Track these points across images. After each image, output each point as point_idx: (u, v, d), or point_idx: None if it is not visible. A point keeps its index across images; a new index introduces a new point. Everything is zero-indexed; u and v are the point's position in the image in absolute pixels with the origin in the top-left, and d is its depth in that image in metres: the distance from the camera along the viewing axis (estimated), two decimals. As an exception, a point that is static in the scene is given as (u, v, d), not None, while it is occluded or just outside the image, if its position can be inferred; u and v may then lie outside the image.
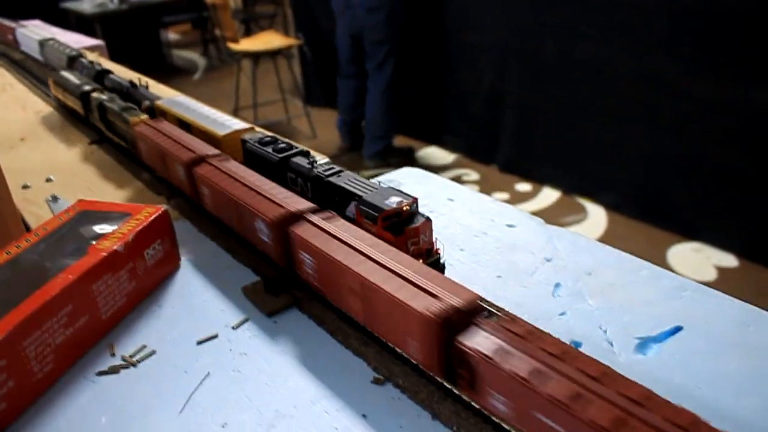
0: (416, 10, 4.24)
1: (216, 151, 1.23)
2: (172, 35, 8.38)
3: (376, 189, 0.94)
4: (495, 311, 0.69)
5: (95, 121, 1.64)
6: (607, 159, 3.64)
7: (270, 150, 1.16)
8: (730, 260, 3.17)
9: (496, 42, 3.99)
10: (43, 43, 2.34)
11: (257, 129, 1.34)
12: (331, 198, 1.02)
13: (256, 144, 1.21)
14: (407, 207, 0.90)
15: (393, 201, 0.89)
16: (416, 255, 0.88)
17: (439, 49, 4.35)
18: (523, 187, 4.01)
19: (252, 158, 1.21)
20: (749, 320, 0.91)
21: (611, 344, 0.88)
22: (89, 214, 1.13)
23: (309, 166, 1.08)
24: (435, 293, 0.69)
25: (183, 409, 0.84)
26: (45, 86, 2.17)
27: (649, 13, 3.19)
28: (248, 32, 6.92)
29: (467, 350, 0.63)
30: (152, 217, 1.09)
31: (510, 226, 1.16)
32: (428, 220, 0.89)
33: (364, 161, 4.57)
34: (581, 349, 0.87)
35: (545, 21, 3.68)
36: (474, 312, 0.67)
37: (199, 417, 0.83)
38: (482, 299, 0.69)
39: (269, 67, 5.48)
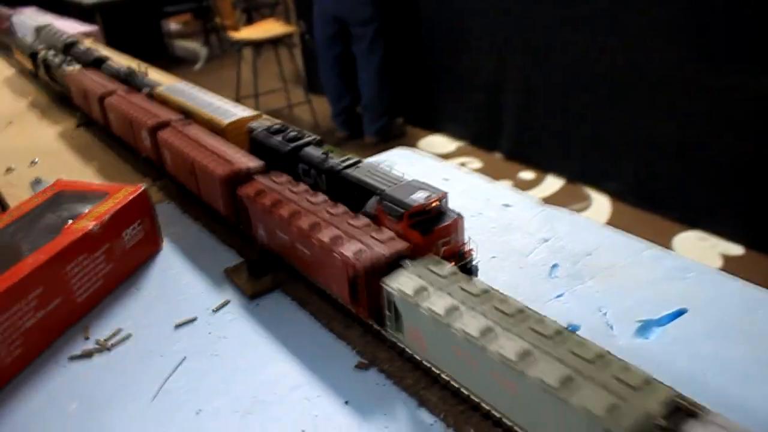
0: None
1: (180, 116, 1.26)
2: (173, 25, 8.31)
3: (400, 182, 0.83)
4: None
5: (43, 77, 1.69)
6: (612, 147, 3.58)
7: (279, 139, 1.04)
8: (736, 249, 3.11)
9: (496, 28, 3.92)
10: (39, 30, 2.29)
11: (264, 117, 1.23)
12: (348, 192, 0.90)
13: (264, 132, 1.09)
14: (436, 203, 0.78)
15: (420, 196, 0.78)
16: (447, 257, 0.76)
17: (440, 36, 4.29)
18: (527, 175, 3.95)
19: (259, 148, 1.09)
20: (756, 303, 0.86)
21: (611, 327, 0.83)
22: (66, 194, 1.09)
23: (323, 156, 0.96)
24: (365, 242, 0.76)
25: (156, 396, 0.80)
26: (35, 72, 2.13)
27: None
28: (250, 21, 6.85)
29: (389, 289, 0.70)
30: (131, 197, 1.04)
31: (506, 206, 1.11)
32: (460, 216, 0.78)
33: (366, 139, 4.51)
34: (579, 333, 0.83)
35: (546, 6, 3.62)
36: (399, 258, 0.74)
37: (173, 403, 0.78)
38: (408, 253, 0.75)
39: (271, 56, 5.43)
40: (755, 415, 0.71)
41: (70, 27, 2.82)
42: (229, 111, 1.23)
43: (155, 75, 1.87)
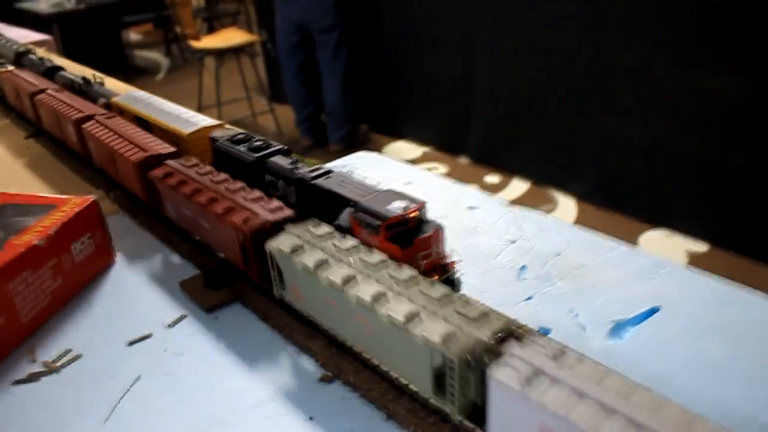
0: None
1: (104, 111, 1.27)
2: (133, 36, 8.18)
3: (375, 192, 0.79)
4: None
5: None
6: (576, 148, 3.59)
7: (244, 149, 0.99)
8: (701, 246, 3.14)
9: (460, 32, 3.92)
10: None
11: (227, 126, 1.18)
12: (319, 204, 0.85)
13: (227, 143, 1.03)
14: (414, 213, 0.73)
15: (397, 206, 0.74)
16: (428, 271, 0.73)
17: (404, 41, 4.28)
18: (493, 179, 3.95)
19: (223, 159, 1.04)
20: (729, 299, 0.84)
21: (583, 329, 0.81)
22: (9, 207, 1.02)
23: (291, 166, 0.91)
24: (255, 211, 0.83)
25: (107, 419, 0.75)
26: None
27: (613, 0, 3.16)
28: (211, 30, 6.77)
29: (271, 249, 0.77)
30: (78, 209, 0.98)
31: (472, 208, 1.08)
32: (440, 227, 0.74)
33: (330, 147, 4.47)
34: (551, 336, 0.80)
35: (507, 8, 3.63)
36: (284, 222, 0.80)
37: (125, 427, 0.73)
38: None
39: (233, 66, 5.36)
40: (733, 413, 0.69)
41: (21, 36, 2.73)
42: (190, 120, 1.17)
43: (113, 84, 1.80)
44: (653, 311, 0.83)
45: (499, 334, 0.57)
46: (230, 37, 5.29)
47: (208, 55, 5.25)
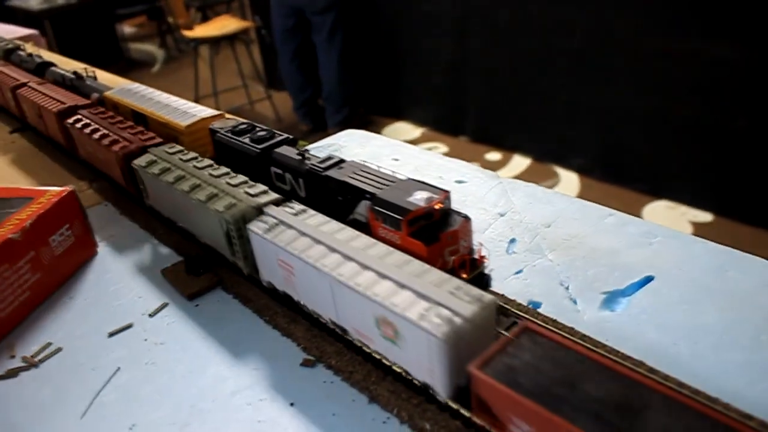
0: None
1: (87, 101, 1.30)
2: (128, 29, 8.11)
3: (393, 183, 0.72)
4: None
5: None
6: (575, 122, 3.54)
7: (247, 140, 0.93)
8: (705, 216, 3.10)
9: (455, 9, 3.86)
10: None
11: (227, 116, 1.12)
12: (331, 196, 0.79)
13: (229, 134, 0.97)
14: (439, 204, 0.67)
15: (419, 198, 0.67)
16: (457, 266, 0.66)
17: (399, 22, 4.22)
18: (494, 156, 3.90)
19: (225, 151, 0.98)
20: (727, 264, 0.81)
21: (574, 302, 0.78)
22: (-13, 201, 1.00)
23: (299, 157, 0.85)
24: (130, 140, 1.05)
25: (86, 412, 0.73)
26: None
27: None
28: (205, 19, 6.71)
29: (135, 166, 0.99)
30: (55, 200, 0.96)
31: (459, 182, 1.05)
32: (467, 219, 0.68)
33: (329, 131, 4.44)
34: (540, 310, 0.77)
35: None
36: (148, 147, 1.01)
37: (105, 419, 0.71)
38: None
39: (228, 54, 5.30)
40: (731, 381, 0.66)
41: (7, 32, 2.70)
42: (187, 112, 1.11)
43: (107, 79, 1.77)
44: (647, 280, 0.80)
45: (274, 200, 0.79)
46: (224, 24, 5.23)
47: (202, 44, 5.20)
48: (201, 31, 5.15)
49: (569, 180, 3.61)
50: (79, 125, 1.18)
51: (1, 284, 0.86)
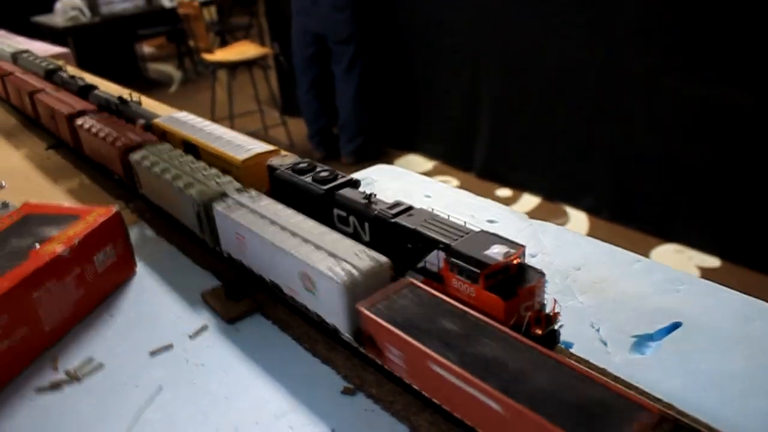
0: (386, 10, 4.19)
1: (92, 107, 1.48)
2: (147, 49, 8.25)
3: (467, 234, 0.73)
4: None
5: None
6: (585, 162, 3.59)
7: (309, 180, 0.93)
8: (712, 261, 3.13)
9: (470, 46, 3.93)
10: (16, 56, 2.22)
11: (283, 153, 1.11)
12: (399, 244, 0.79)
13: (290, 172, 0.97)
14: (517, 260, 0.68)
15: (497, 251, 0.67)
16: (532, 323, 0.67)
17: (414, 55, 4.30)
18: (504, 192, 3.95)
19: (284, 189, 0.98)
20: (752, 313, 0.84)
21: (605, 344, 0.81)
22: (34, 217, 1.03)
23: (365, 201, 0.85)
24: (129, 136, 1.24)
25: (130, 430, 0.75)
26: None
27: (622, 10, 3.16)
28: (224, 44, 6.82)
29: (131, 160, 1.18)
30: (102, 220, 0.99)
31: (491, 221, 1.09)
32: (542, 275, 0.69)
33: (342, 159, 4.49)
34: (572, 350, 0.80)
35: (518, 20, 3.63)
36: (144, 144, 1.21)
37: (148, 437, 0.74)
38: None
39: (245, 79, 5.39)
40: (755, 429, 0.68)
41: (41, 50, 2.76)
42: (242, 146, 1.11)
43: (149, 105, 1.80)
44: (675, 326, 0.83)
45: (237, 188, 0.98)
46: (243, 50, 5.33)
47: (220, 68, 5.29)
48: (221, 55, 5.24)
49: (578, 219, 3.64)
50: (86, 126, 1.36)
51: (48, 298, 0.89)
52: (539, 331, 0.67)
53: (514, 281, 0.67)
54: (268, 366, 0.82)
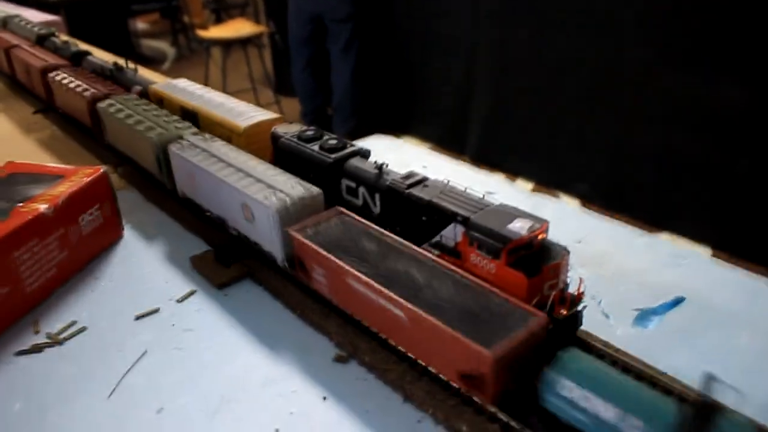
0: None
1: (65, 62, 1.51)
2: (140, 25, 8.14)
3: (486, 206, 0.69)
4: None
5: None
6: (579, 150, 3.56)
7: (316, 149, 0.88)
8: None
9: (466, 31, 3.89)
10: (6, 21, 2.16)
11: (287, 121, 1.04)
12: (413, 217, 0.75)
13: (296, 140, 0.91)
14: (542, 235, 0.65)
15: (519, 226, 0.63)
16: (557, 302, 0.63)
17: (412, 39, 4.24)
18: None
19: (289, 158, 0.91)
20: (757, 290, 0.82)
21: (607, 316, 0.78)
22: (18, 176, 1.00)
23: (376, 171, 0.81)
24: (96, 87, 1.28)
25: (113, 392, 0.72)
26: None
27: (619, 2, 3.13)
28: (219, 21, 6.74)
29: (98, 108, 1.23)
30: (88, 179, 0.96)
31: (489, 193, 1.05)
32: (566, 252, 0.65)
33: None
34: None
35: (515, 10, 3.59)
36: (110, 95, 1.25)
37: (131, 401, 0.71)
38: None
39: (239, 57, 5.32)
40: (758, 407, 0.66)
41: (30, 16, 2.70)
42: (244, 113, 1.05)
43: (147, 74, 1.75)
44: (678, 301, 0.80)
45: (193, 132, 1.03)
46: (238, 27, 5.26)
47: (215, 46, 5.22)
48: (215, 32, 5.18)
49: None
50: (58, 78, 1.38)
51: (29, 259, 0.86)
52: (564, 312, 0.63)
53: (537, 258, 0.63)
54: (258, 332, 0.79)
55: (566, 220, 0.98)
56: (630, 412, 0.50)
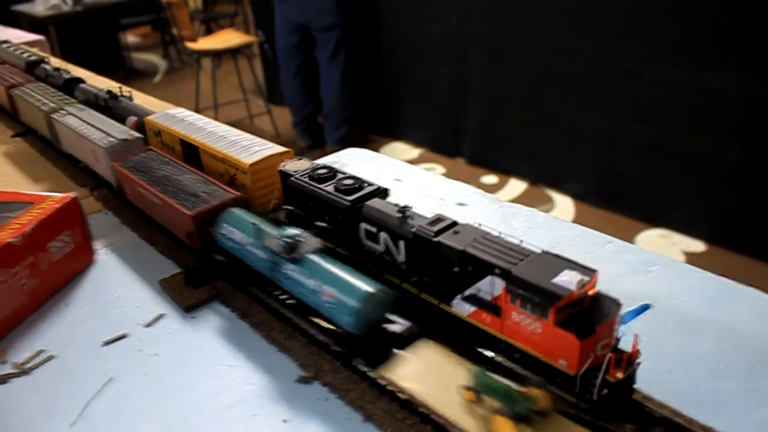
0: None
1: (30, 78, 1.67)
2: (131, 38, 8.16)
3: (528, 255, 0.60)
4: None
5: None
6: (571, 147, 3.57)
7: (330, 190, 0.79)
8: (697, 245, 3.12)
9: (457, 33, 3.89)
10: None
11: (296, 157, 0.96)
12: (443, 267, 0.66)
13: (306, 180, 0.83)
14: (593, 290, 0.57)
15: (567, 280, 0.56)
16: (612, 366, 0.57)
17: (401, 43, 4.25)
18: (490, 179, 3.92)
19: (300, 198, 0.84)
20: (722, 294, 0.82)
21: (571, 327, 0.78)
22: (-14, 204, 1.00)
23: (399, 215, 0.72)
24: (16, 78, 1.63)
25: (76, 421, 0.72)
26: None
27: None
28: (209, 32, 6.75)
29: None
30: (57, 206, 0.96)
31: (461, 204, 1.06)
32: (618, 305, 0.59)
33: (327, 148, 4.45)
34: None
35: (506, 7, 3.60)
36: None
37: (94, 430, 0.71)
38: None
39: (230, 68, 5.33)
40: (727, 410, 0.66)
41: (14, 36, 2.70)
42: (250, 147, 0.98)
43: (140, 99, 1.71)
44: (644, 308, 0.80)
45: (78, 106, 1.37)
46: (227, 38, 5.27)
47: (205, 57, 5.23)
48: (205, 43, 5.18)
49: (564, 205, 3.62)
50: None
51: (-3, 288, 0.86)
52: (620, 375, 0.56)
53: (589, 315, 0.56)
54: (224, 355, 0.79)
55: (537, 229, 0.98)
56: (248, 234, 0.81)
